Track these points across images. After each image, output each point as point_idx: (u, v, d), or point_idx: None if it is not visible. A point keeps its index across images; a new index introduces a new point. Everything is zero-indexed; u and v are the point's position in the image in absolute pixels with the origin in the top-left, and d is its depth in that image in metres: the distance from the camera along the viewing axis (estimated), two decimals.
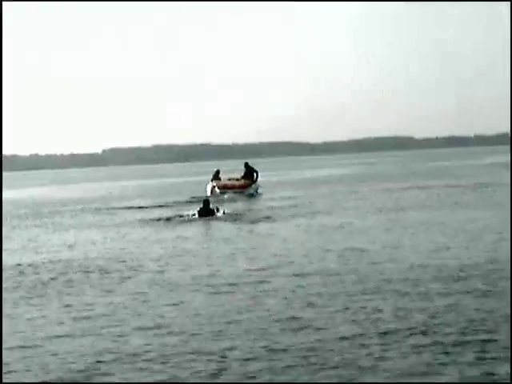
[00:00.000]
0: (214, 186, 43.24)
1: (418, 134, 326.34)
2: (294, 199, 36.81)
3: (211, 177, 45.32)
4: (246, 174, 44.38)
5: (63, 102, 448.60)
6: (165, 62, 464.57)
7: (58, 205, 42.35)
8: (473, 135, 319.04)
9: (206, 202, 29.30)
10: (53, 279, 15.56)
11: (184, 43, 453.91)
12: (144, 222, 27.89)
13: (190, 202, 35.43)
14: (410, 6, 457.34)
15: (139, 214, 31.48)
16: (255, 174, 44.50)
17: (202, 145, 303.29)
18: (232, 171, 48.22)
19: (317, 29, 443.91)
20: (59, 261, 18.33)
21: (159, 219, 28.61)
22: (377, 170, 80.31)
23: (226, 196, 40.74)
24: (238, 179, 44.06)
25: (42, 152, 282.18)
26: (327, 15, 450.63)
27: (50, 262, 18.23)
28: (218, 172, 45.37)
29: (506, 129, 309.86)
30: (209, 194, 41.22)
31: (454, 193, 36.16)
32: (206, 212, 28.26)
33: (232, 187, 42.73)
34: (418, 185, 44.00)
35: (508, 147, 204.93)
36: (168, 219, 28.43)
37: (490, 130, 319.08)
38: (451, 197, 33.68)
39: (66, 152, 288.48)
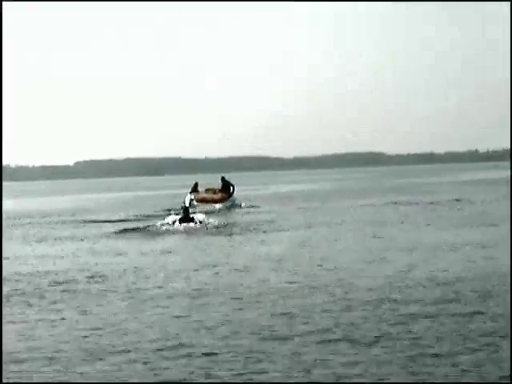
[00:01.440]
0: (191, 199, 43.49)
1: (390, 151, 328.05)
2: (269, 213, 36.95)
3: (190, 189, 45.90)
4: (222, 187, 45.45)
5: (36, 113, 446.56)
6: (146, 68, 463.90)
7: (31, 217, 42.19)
8: (443, 152, 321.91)
9: (186, 209, 30.69)
10: (17, 291, 15.55)
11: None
12: (121, 233, 28.16)
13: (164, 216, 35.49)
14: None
15: (115, 226, 31.40)
16: (231, 188, 45.53)
17: (174, 158, 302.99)
18: (209, 185, 48.55)
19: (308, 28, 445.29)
20: (30, 274, 18.27)
21: (136, 228, 29.24)
22: (348, 187, 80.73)
23: (201, 208, 41.15)
24: (215, 192, 44.98)
25: (13, 163, 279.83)
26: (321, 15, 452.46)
27: (17, 274, 18.14)
28: (196, 185, 46.32)
29: (476, 146, 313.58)
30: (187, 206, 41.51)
31: (426, 210, 36.53)
32: (186, 219, 29.41)
33: (210, 200, 43.75)
34: (390, 200, 44.34)
35: (477, 164, 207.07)
36: (147, 228, 29.16)
37: (461, 147, 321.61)
38: (423, 214, 34.02)
39: (38, 164, 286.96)
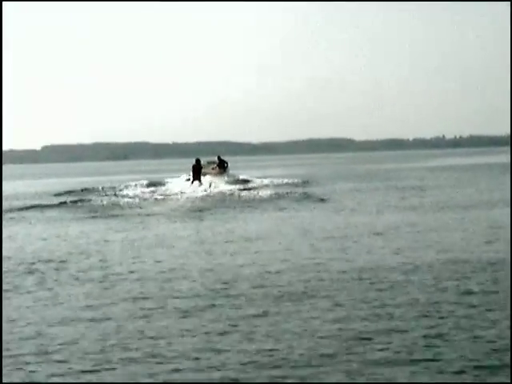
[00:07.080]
0: None
1: (358, 137, 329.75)
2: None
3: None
4: (219, 164, 54.21)
5: (2, 97, 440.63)
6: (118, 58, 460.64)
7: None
8: (411, 138, 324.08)
9: (198, 160, 42.83)
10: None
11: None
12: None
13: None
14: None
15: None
16: (226, 164, 54.90)
17: (141, 143, 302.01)
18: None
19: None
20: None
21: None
22: (316, 172, 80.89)
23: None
24: (213, 168, 53.03)
25: None
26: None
27: None
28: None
29: (440, 132, 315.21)
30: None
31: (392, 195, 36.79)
32: (198, 169, 42.35)
33: (209, 174, 50.02)
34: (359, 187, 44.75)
35: (443, 151, 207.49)
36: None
37: (427, 134, 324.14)
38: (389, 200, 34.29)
39: (5, 148, 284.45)
